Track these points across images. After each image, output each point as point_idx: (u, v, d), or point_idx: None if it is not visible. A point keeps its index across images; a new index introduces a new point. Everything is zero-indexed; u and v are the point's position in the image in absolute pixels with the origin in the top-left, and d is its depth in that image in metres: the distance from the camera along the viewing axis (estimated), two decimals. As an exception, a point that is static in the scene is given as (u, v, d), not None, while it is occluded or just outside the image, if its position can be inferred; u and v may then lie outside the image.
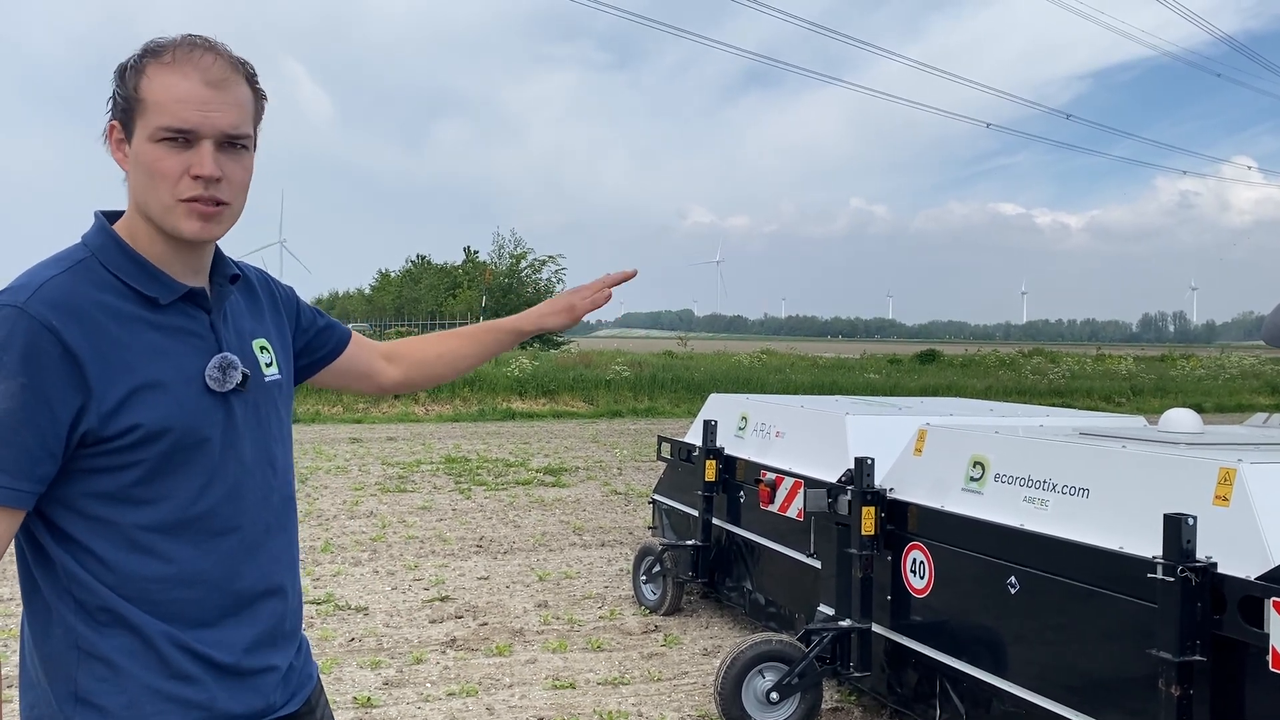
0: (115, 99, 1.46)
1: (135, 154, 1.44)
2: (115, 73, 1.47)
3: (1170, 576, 2.85)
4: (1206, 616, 2.84)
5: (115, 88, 1.46)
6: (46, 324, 1.35)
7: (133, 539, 1.43)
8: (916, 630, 4.13)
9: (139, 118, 1.43)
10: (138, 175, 1.45)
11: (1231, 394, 28.34)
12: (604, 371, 22.49)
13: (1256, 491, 2.95)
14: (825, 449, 5.06)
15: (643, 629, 5.73)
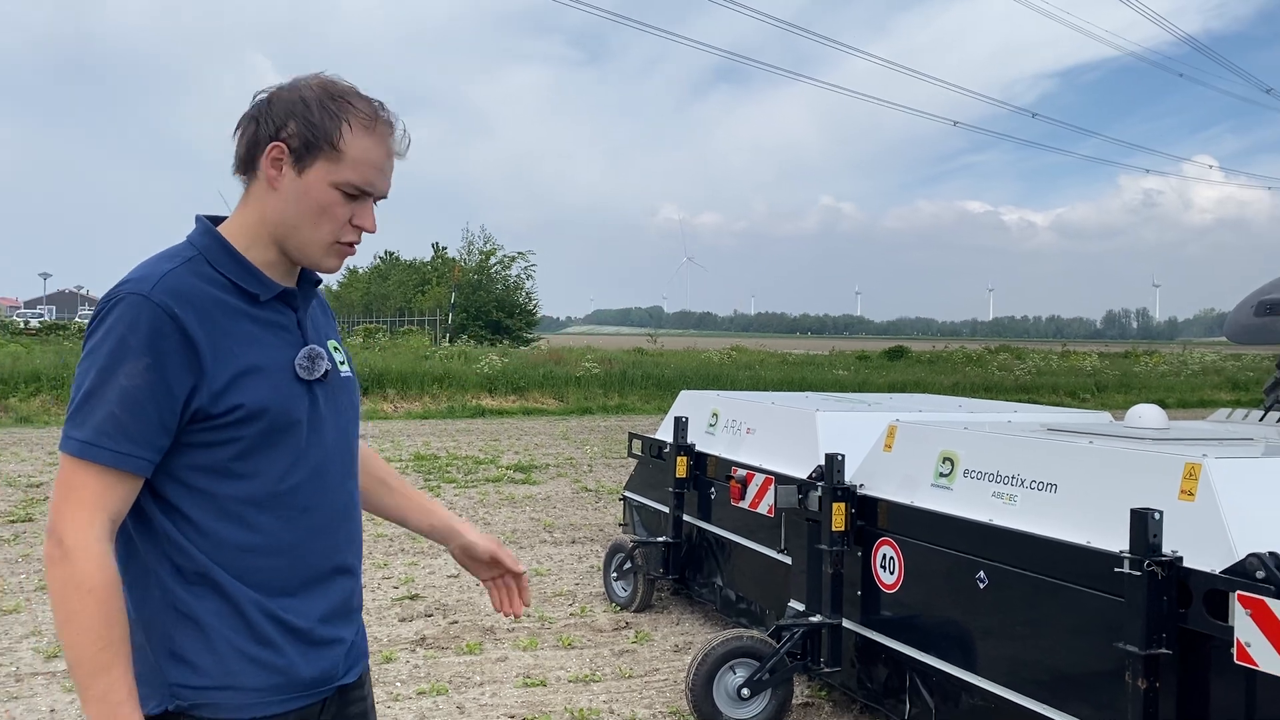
0: (294, 128, 1.59)
1: (305, 188, 1.60)
2: (293, 101, 1.60)
3: (1137, 571, 2.88)
4: (1172, 610, 2.87)
5: (296, 119, 1.59)
6: (168, 311, 1.52)
7: (227, 509, 1.57)
8: (886, 625, 4.15)
9: (325, 161, 1.60)
10: (298, 205, 1.61)
11: (1194, 390, 28.76)
12: (574, 368, 22.45)
13: (1221, 486, 2.99)
14: (796, 445, 5.08)
15: (614, 626, 5.72)
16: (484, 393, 20.08)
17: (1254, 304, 6.94)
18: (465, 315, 36.88)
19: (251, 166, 1.63)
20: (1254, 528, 2.92)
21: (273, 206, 1.62)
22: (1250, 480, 3.10)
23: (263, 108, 1.62)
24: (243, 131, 1.64)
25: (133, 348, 1.49)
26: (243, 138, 1.64)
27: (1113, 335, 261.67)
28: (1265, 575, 2.63)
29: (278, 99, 1.62)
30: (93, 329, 1.54)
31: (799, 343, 77.71)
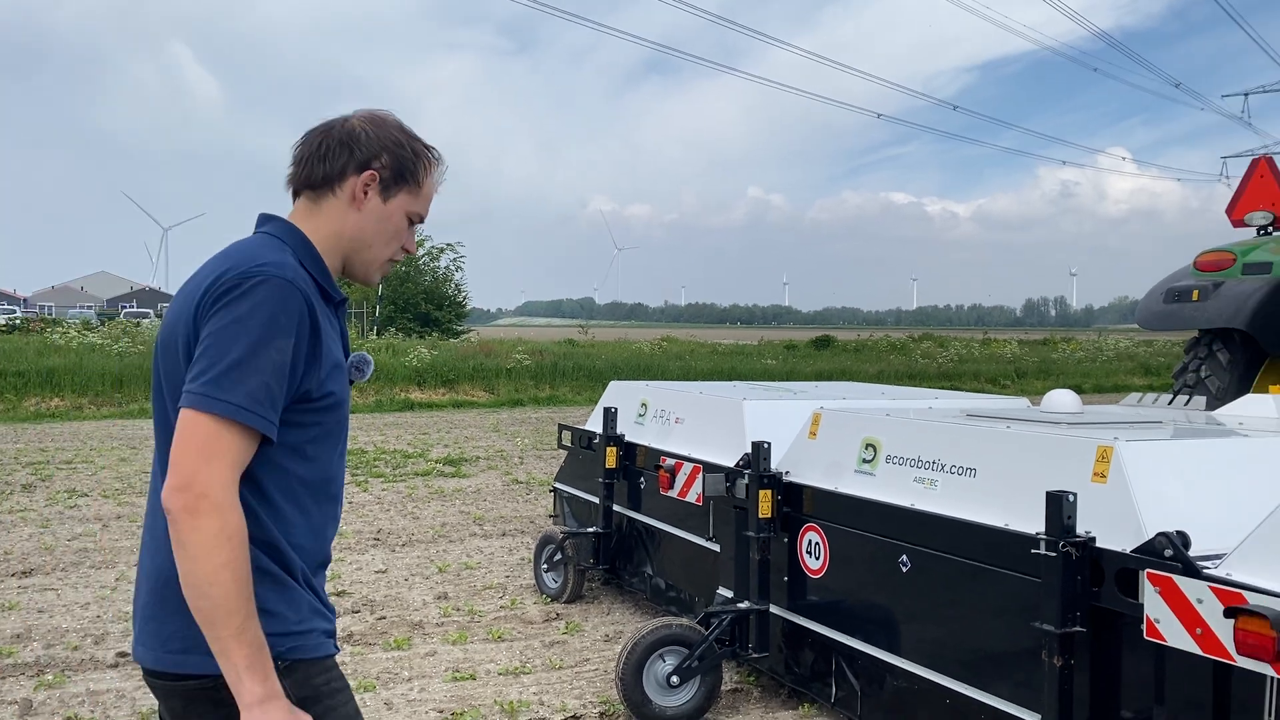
0: (387, 160, 1.86)
1: (388, 213, 1.88)
2: (390, 140, 1.87)
3: (1052, 552, 2.96)
4: (1086, 589, 2.96)
5: (388, 152, 1.86)
6: (306, 299, 1.70)
7: (292, 489, 1.74)
8: (813, 610, 4.20)
9: (406, 194, 1.89)
10: (378, 226, 1.88)
11: (1108, 375, 29.68)
12: (505, 360, 22.30)
13: (1132, 468, 3.08)
14: (724, 434, 5.11)
15: (544, 617, 5.70)
16: (413, 386, 19.84)
17: (1163, 292, 7.17)
18: (393, 307, 36.34)
19: (331, 185, 1.85)
20: (1163, 507, 3.02)
21: (353, 223, 1.86)
22: (1160, 462, 3.20)
23: (358, 137, 1.85)
24: (328, 153, 1.84)
25: (283, 326, 1.65)
26: (328, 159, 1.84)
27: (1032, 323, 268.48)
28: (1173, 554, 2.72)
29: (370, 132, 1.86)
30: (233, 301, 1.64)
31: (729, 333, 78.28)
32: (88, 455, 11.60)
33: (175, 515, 1.56)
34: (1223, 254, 7.01)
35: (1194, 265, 7.12)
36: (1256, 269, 6.75)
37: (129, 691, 4.43)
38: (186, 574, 1.57)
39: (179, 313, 1.73)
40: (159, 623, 1.71)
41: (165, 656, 1.70)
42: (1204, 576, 2.63)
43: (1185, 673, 2.68)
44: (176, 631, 1.68)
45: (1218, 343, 6.92)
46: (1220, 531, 2.88)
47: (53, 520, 8.03)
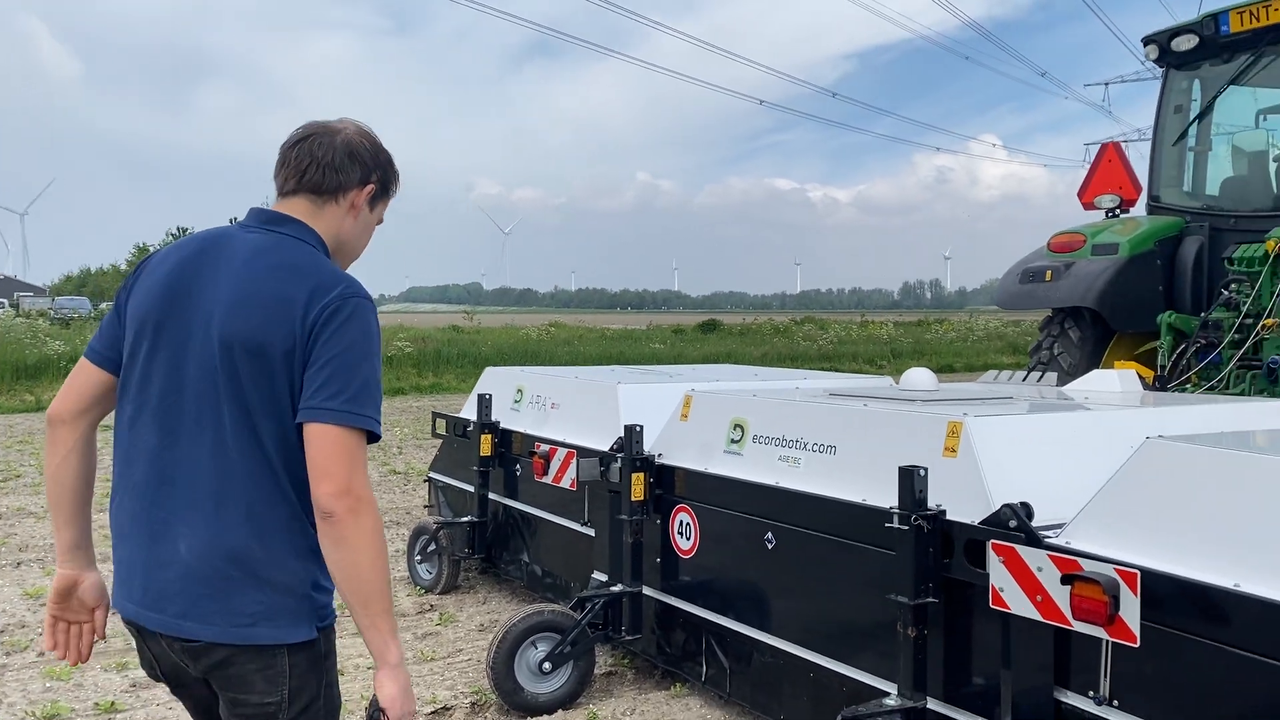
0: (380, 177, 2.14)
1: (373, 220, 2.19)
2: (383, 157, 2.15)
3: (905, 525, 3.04)
4: (938, 561, 3.04)
5: (381, 169, 2.13)
6: None
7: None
8: (684, 590, 4.23)
9: (383, 203, 2.20)
10: (365, 230, 2.18)
11: (979, 354, 30.85)
12: (386, 348, 21.84)
13: (980, 442, 3.18)
14: (598, 419, 5.09)
15: (418, 609, 5.60)
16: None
17: (1019, 272, 7.46)
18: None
19: (336, 194, 2.07)
20: (1009, 480, 3.13)
21: (348, 229, 2.12)
22: (1008, 436, 3.32)
23: (361, 152, 2.09)
24: (341, 165, 2.06)
25: (379, 342, 1.95)
26: (341, 170, 2.06)
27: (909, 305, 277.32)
28: (1017, 524, 2.82)
29: (368, 147, 2.11)
30: (350, 323, 1.90)
31: (619, 318, 78.53)
32: (-69, 455, 10.88)
33: (341, 516, 1.83)
34: (1074, 235, 7.34)
35: (1048, 247, 7.43)
36: (1105, 250, 7.09)
37: None
38: (349, 564, 1.84)
39: (264, 327, 1.88)
40: (225, 598, 1.88)
41: (232, 630, 1.89)
42: (1044, 545, 2.73)
43: (1029, 639, 2.79)
44: (245, 607, 1.88)
45: (1069, 321, 7.24)
46: (1063, 502, 3.00)
47: (-112, 525, 7.50)
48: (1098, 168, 7.84)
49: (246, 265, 1.94)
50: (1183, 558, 2.55)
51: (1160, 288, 7.19)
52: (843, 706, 3.23)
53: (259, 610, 1.89)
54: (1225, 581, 2.42)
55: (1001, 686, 2.89)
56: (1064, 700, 2.75)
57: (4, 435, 12.54)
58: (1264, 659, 2.32)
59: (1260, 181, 7.39)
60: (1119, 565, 2.54)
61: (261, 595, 1.88)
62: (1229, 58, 7.28)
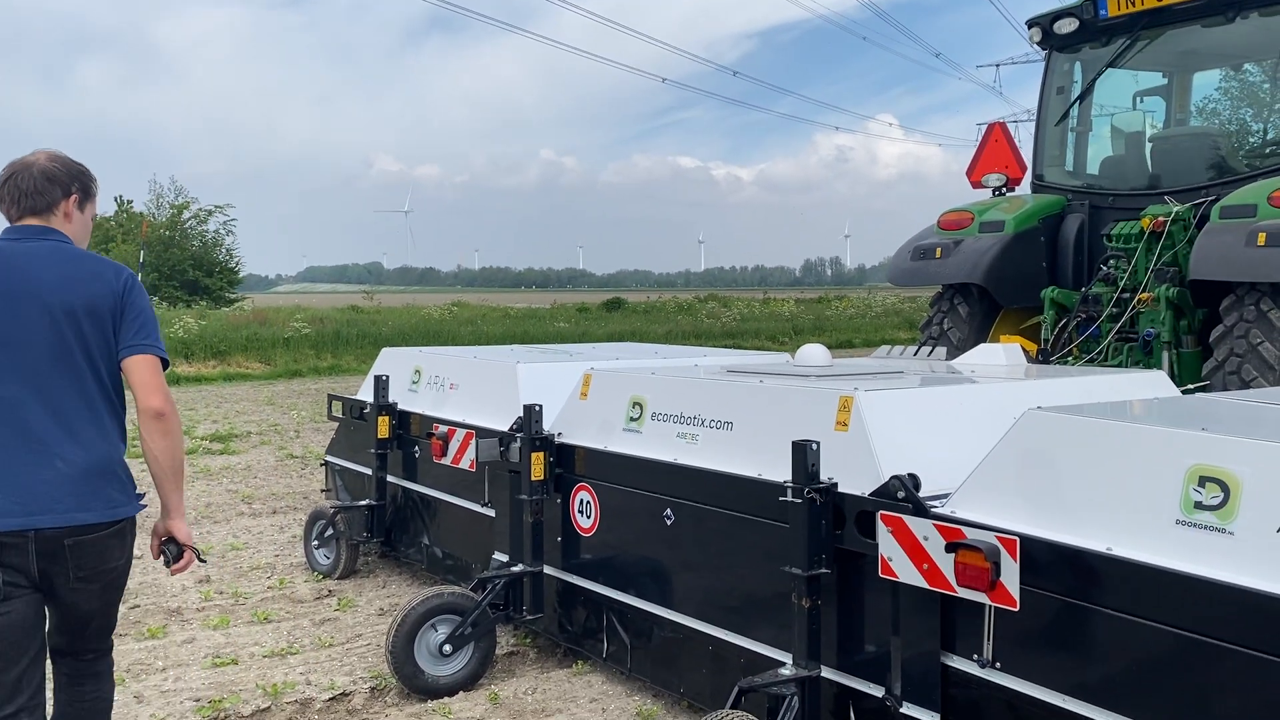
0: (79, 187, 2.87)
1: (85, 217, 2.92)
2: (75, 169, 2.88)
3: (798, 498, 3.08)
4: (830, 532, 3.11)
5: (77, 179, 2.87)
6: None
7: None
8: (585, 569, 4.23)
9: (92, 202, 2.94)
10: (81, 227, 2.90)
11: (877, 330, 31.57)
12: (282, 329, 21.25)
13: (870, 416, 3.25)
14: (498, 399, 5.04)
15: (315, 595, 5.48)
16: (179, 358, 18.57)
17: (910, 250, 7.64)
18: (157, 275, 33.90)
19: (50, 209, 2.80)
20: (899, 453, 3.20)
21: (71, 231, 2.84)
22: (897, 410, 3.40)
23: (59, 174, 2.81)
24: (38, 190, 2.77)
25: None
26: (40, 194, 2.77)
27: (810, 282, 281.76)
28: (904, 495, 2.89)
29: (59, 168, 2.83)
30: (139, 290, 2.82)
31: (524, 296, 78.00)
32: None
33: (168, 417, 2.75)
34: (962, 213, 7.54)
35: (937, 224, 7.62)
36: (992, 227, 7.30)
37: None
38: (173, 448, 2.81)
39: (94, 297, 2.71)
40: (97, 493, 2.68)
41: (108, 511, 2.70)
42: (930, 515, 2.81)
43: (917, 606, 2.86)
44: (114, 497, 2.73)
45: (958, 297, 7.45)
46: (950, 473, 3.08)
47: None
48: (985, 147, 8.07)
49: (52, 258, 2.74)
50: (1060, 524, 2.65)
51: (1044, 264, 7.45)
52: (740, 678, 3.28)
53: (119, 498, 2.75)
54: (1099, 546, 2.53)
55: (892, 653, 2.97)
56: (950, 664, 2.83)
57: None
58: (1137, 619, 2.43)
59: (1137, 161, 7.70)
60: (999, 533, 2.63)
61: (119, 483, 2.76)
62: (1108, 41, 7.55)
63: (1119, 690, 2.48)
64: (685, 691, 3.77)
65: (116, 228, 39.49)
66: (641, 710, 3.91)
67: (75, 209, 2.83)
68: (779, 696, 3.10)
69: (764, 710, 3.13)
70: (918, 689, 2.89)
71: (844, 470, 3.16)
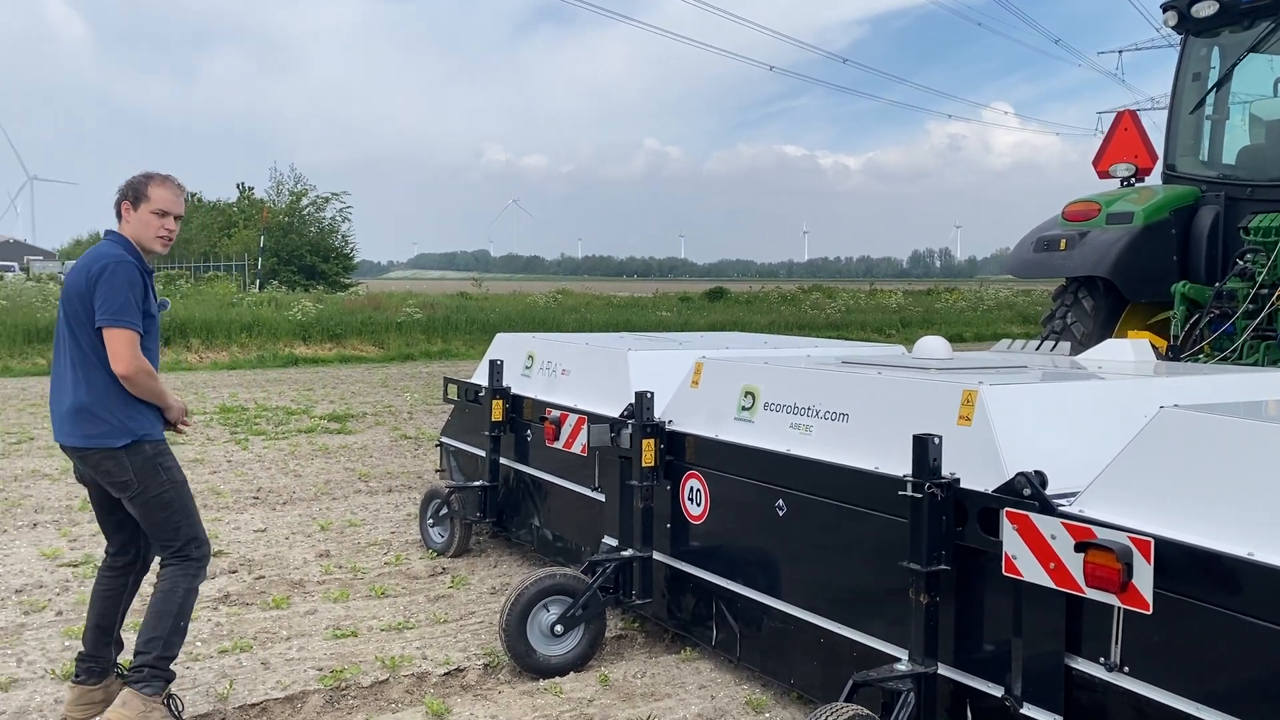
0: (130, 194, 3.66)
1: (139, 216, 3.65)
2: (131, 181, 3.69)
3: (918, 493, 3.04)
4: (950, 528, 3.05)
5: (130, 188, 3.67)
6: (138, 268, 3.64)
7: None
8: (694, 556, 4.25)
9: (145, 202, 3.64)
10: (138, 223, 3.65)
11: (989, 324, 30.77)
12: (394, 314, 21.85)
13: (995, 411, 3.18)
14: (609, 385, 5.10)
15: (430, 572, 5.64)
16: (298, 341, 19.29)
17: (1032, 241, 7.41)
18: (276, 260, 35.15)
19: (117, 212, 3.67)
20: (1023, 449, 3.13)
21: (128, 229, 3.66)
22: (1021, 405, 3.32)
23: (122, 187, 3.71)
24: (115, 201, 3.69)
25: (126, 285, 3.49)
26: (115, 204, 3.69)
27: (918, 274, 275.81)
28: (1030, 492, 2.82)
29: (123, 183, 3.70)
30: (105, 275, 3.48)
31: (625, 285, 78.38)
32: (-56, 417, 10.96)
33: (133, 378, 3.48)
34: (1088, 204, 7.28)
35: (1062, 215, 7.37)
36: (1119, 219, 7.03)
37: None
38: (141, 390, 3.54)
39: (78, 283, 3.52)
40: (85, 425, 3.51)
41: (90, 440, 3.52)
42: (1057, 513, 2.74)
43: (1041, 605, 2.80)
44: (93, 429, 3.51)
45: (1082, 290, 7.19)
46: (1076, 470, 3.00)
47: (-97, 486, 7.57)
48: (1113, 136, 7.76)
49: (83, 256, 3.63)
50: (1196, 526, 2.55)
51: (1175, 257, 7.14)
52: (853, 671, 3.26)
53: (100, 430, 3.51)
54: (1239, 550, 2.43)
55: (1012, 652, 2.91)
56: (1074, 666, 2.76)
57: (16, 399, 12.61)
58: (1277, 627, 2.33)
59: (1277, 151, 7.31)
60: (1133, 533, 2.54)
61: (97, 421, 3.51)
62: (1249, 25, 7.18)
63: (1255, 700, 2.39)
64: (795, 682, 3.76)
65: (239, 214, 41.12)
66: (751, 699, 3.92)
67: (130, 210, 3.63)
68: (894, 692, 3.07)
69: (878, 705, 3.10)
70: (1039, 690, 2.82)
71: (965, 466, 3.10)
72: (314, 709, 3.87)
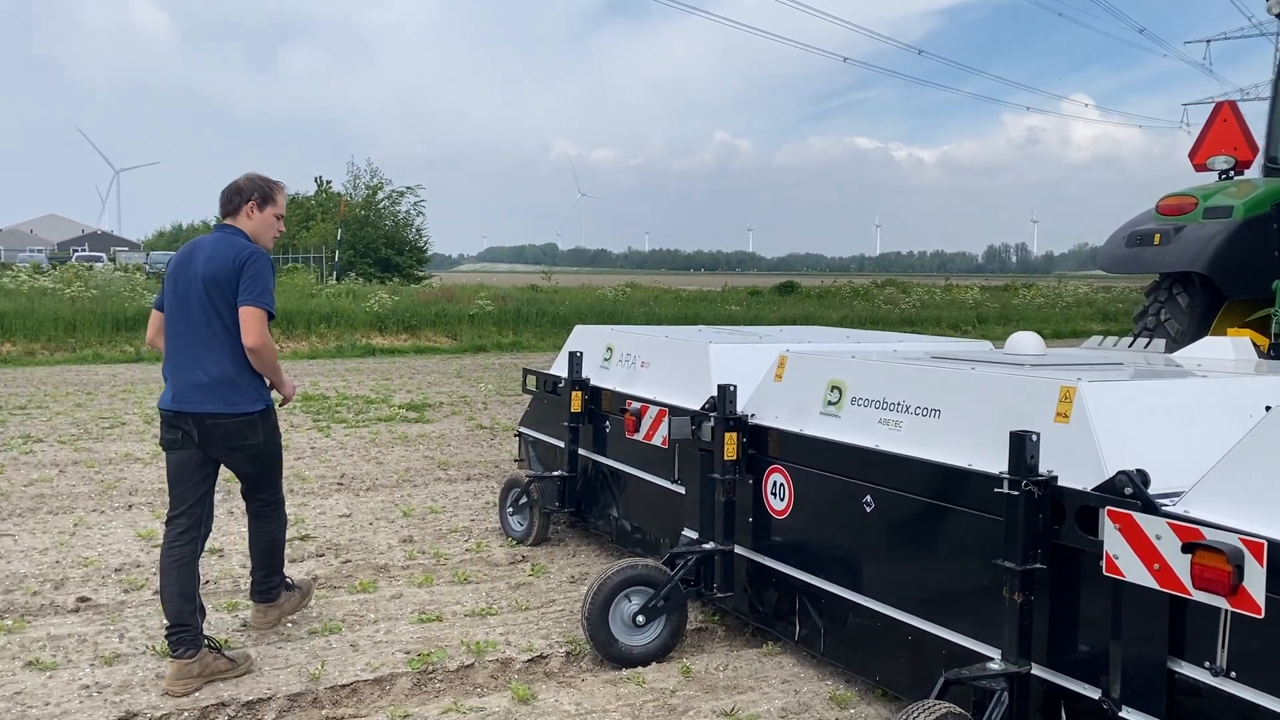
0: (258, 195, 4.18)
1: (265, 217, 4.20)
2: (258, 183, 4.20)
3: (1015, 490, 2.99)
4: (1047, 527, 3.00)
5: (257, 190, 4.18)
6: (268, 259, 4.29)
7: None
8: (777, 550, 4.24)
9: (271, 205, 4.21)
10: (261, 223, 4.18)
11: (1067, 321, 30.08)
12: (467, 306, 22.12)
13: (1094, 408, 3.11)
14: (690, 378, 5.10)
15: (510, 560, 5.71)
16: (374, 331, 19.65)
17: (1125, 235, 7.22)
18: (352, 252, 35.85)
19: (237, 211, 4.15)
20: (1123, 447, 3.06)
21: (250, 226, 4.16)
22: (1121, 402, 3.24)
23: (245, 187, 4.16)
24: (227, 198, 4.17)
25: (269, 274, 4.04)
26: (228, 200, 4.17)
27: (993, 269, 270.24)
28: (1133, 491, 2.76)
29: (243, 183, 4.18)
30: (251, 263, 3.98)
31: (692, 279, 78.25)
32: (41, 401, 11.40)
33: (260, 351, 3.97)
34: (1185, 198, 7.06)
35: (1156, 209, 7.16)
36: (1217, 213, 6.81)
37: (90, 635, 4.39)
38: (263, 366, 4.05)
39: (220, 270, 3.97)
40: (226, 394, 3.98)
41: (231, 406, 3.99)
42: (1163, 513, 2.67)
43: (1143, 607, 2.73)
44: (234, 396, 4.00)
45: (1177, 286, 6.99)
46: (1178, 470, 2.92)
47: (7, 466, 7.90)
48: (1211, 127, 7.51)
49: (212, 245, 4.06)
50: (1311, 530, 2.47)
51: (1276, 253, 6.90)
52: (941, 669, 3.22)
53: (239, 397, 4.00)
54: (1359, 555, 2.34)
55: (1110, 654, 2.85)
56: (1178, 670, 2.70)
57: (108, 384, 13.06)
58: (1397, 636, 2.24)
59: (1385, 142, 7.02)
60: (1244, 535, 2.47)
61: (238, 391, 4.00)
62: (1357, 11, 6.90)
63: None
64: (880, 679, 3.73)
65: (316, 206, 41.96)
66: (835, 694, 3.90)
67: (255, 210, 4.14)
68: (987, 691, 3.02)
69: (969, 703, 3.06)
70: (1140, 693, 2.76)
71: (1063, 463, 3.04)
72: (402, 691, 3.95)
